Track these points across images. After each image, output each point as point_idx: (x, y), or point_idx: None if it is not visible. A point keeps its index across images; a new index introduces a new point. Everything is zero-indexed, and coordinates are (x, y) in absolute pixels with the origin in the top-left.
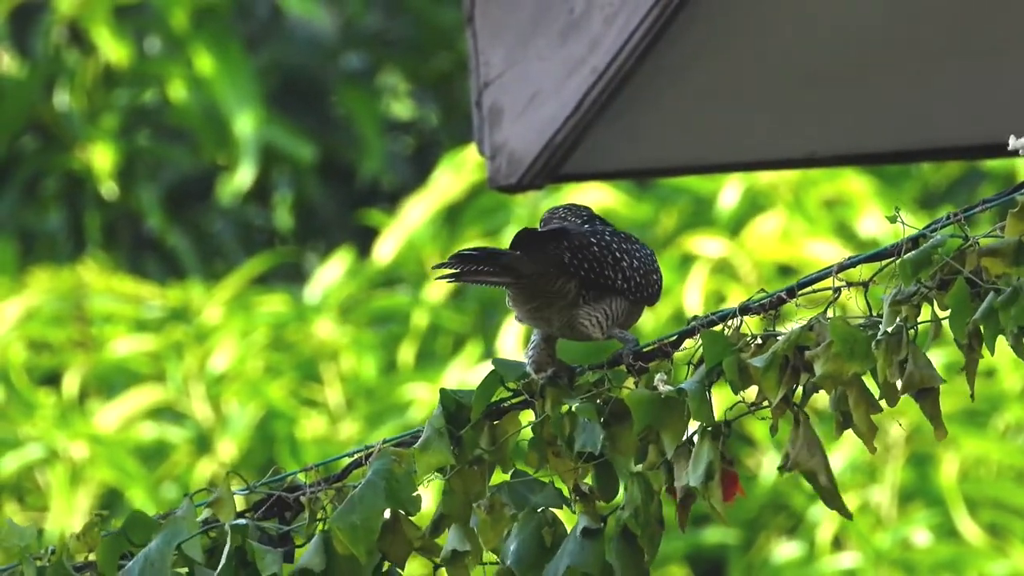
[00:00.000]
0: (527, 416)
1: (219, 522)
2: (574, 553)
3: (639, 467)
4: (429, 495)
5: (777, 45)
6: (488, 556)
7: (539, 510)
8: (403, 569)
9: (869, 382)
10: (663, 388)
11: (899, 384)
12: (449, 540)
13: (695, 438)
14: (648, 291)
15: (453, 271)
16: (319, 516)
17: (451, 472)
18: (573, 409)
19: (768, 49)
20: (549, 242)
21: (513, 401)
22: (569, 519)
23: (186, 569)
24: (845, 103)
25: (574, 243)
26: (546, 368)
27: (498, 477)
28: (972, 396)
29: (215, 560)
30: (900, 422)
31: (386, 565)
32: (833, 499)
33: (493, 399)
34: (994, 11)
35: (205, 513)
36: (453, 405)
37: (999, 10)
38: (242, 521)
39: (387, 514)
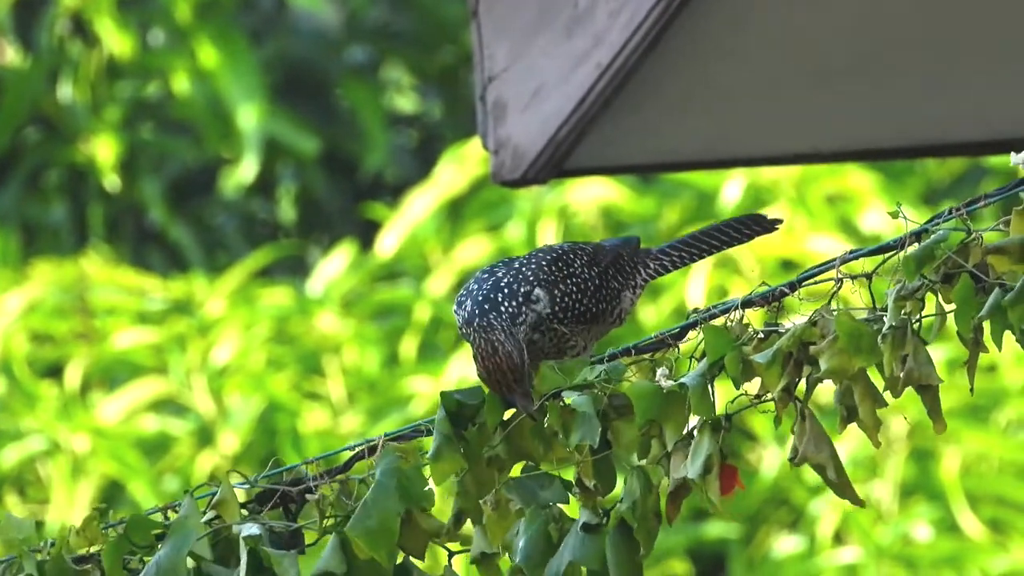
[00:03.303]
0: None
1: (223, 521)
2: (575, 548)
3: (642, 461)
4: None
5: (781, 40)
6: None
7: (546, 507)
8: (423, 559)
9: (874, 376)
10: (664, 383)
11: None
12: (475, 543)
13: (695, 432)
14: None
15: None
16: (328, 513)
17: (463, 473)
18: (571, 403)
19: (772, 44)
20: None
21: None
22: (575, 513)
23: (193, 563)
24: (849, 99)
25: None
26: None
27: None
28: (972, 390)
29: (219, 553)
30: (905, 416)
31: (401, 556)
32: (844, 490)
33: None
34: (999, 7)
35: (209, 513)
36: (455, 406)
37: (1004, 6)
38: (255, 530)
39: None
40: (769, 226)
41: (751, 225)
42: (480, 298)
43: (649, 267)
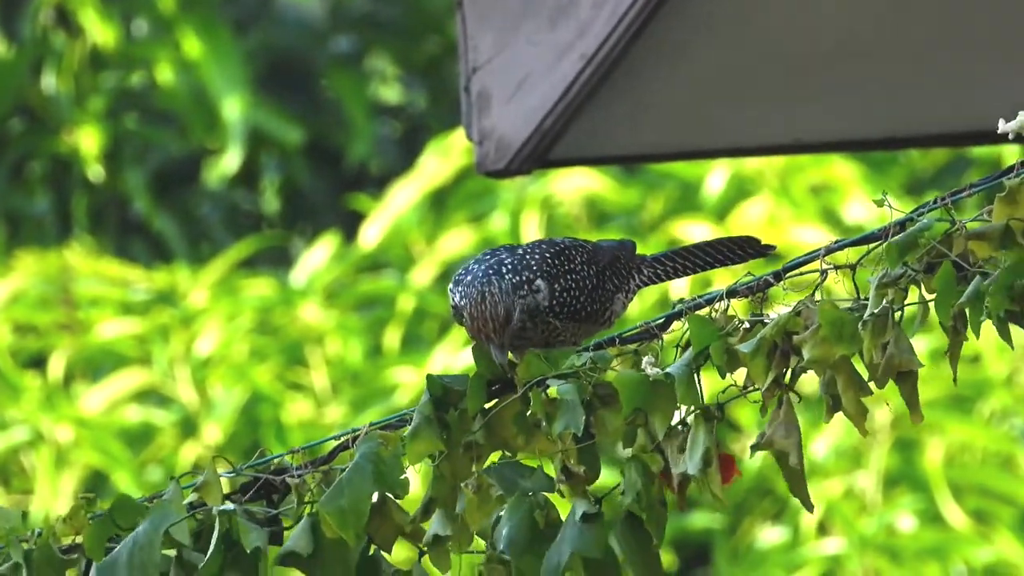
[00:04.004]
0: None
1: (206, 505)
2: (575, 538)
3: (630, 450)
4: (418, 479)
5: (765, 31)
6: (476, 544)
7: (530, 494)
8: (390, 553)
9: (859, 366)
10: (651, 371)
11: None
12: (433, 525)
13: (688, 420)
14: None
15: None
16: (307, 499)
17: (440, 457)
18: (556, 391)
19: (756, 35)
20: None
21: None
22: (560, 504)
23: (174, 551)
24: (832, 89)
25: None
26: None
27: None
28: (955, 379)
29: (202, 544)
30: (888, 403)
31: (372, 549)
32: (799, 484)
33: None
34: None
35: (191, 496)
36: (440, 391)
37: None
38: (230, 506)
39: (375, 497)
40: (762, 250)
41: (745, 247)
42: (482, 271)
43: (643, 273)
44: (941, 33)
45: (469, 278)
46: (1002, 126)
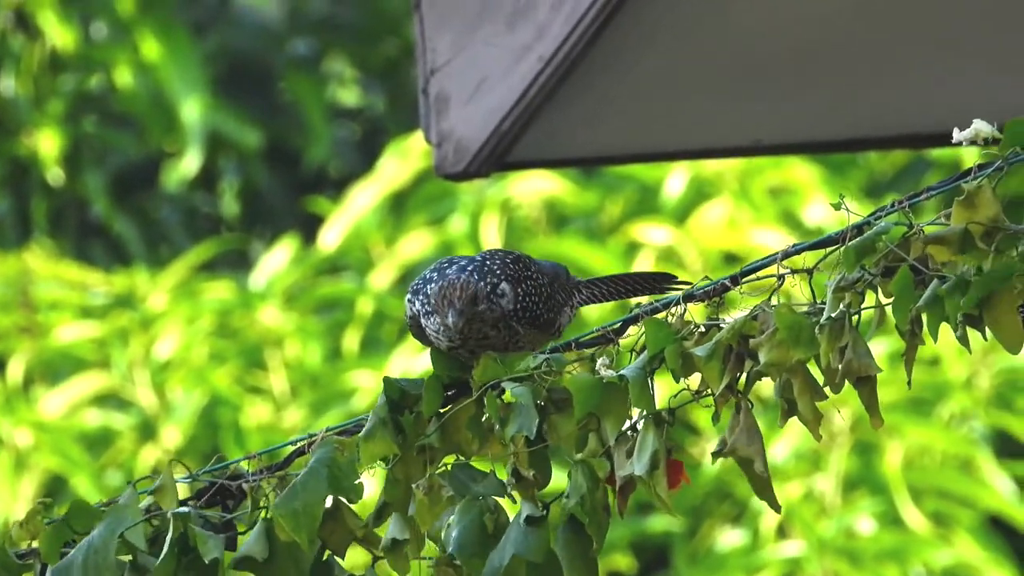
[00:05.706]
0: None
1: (161, 510)
2: (518, 541)
3: (580, 455)
4: (373, 484)
5: (724, 33)
6: (428, 549)
7: (480, 498)
8: (343, 558)
9: (815, 371)
10: (605, 372)
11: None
12: (390, 529)
13: (638, 426)
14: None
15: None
16: (262, 504)
17: (394, 460)
18: (510, 393)
19: (715, 37)
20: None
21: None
22: (511, 507)
23: (129, 557)
24: (792, 91)
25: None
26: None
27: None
28: (909, 383)
29: (158, 548)
30: (839, 411)
31: (326, 554)
32: (765, 489)
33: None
34: (940, 1)
35: (148, 501)
36: (397, 394)
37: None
38: (185, 509)
39: (328, 502)
40: (677, 286)
41: (661, 281)
42: (451, 276)
43: (582, 293)
44: (901, 35)
45: (434, 286)
46: (956, 135)
